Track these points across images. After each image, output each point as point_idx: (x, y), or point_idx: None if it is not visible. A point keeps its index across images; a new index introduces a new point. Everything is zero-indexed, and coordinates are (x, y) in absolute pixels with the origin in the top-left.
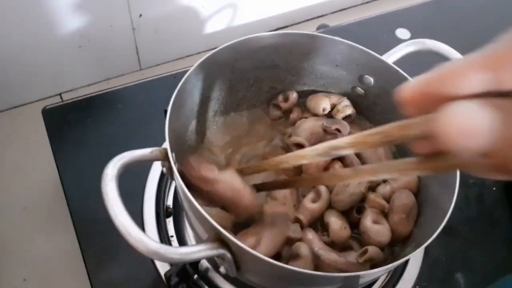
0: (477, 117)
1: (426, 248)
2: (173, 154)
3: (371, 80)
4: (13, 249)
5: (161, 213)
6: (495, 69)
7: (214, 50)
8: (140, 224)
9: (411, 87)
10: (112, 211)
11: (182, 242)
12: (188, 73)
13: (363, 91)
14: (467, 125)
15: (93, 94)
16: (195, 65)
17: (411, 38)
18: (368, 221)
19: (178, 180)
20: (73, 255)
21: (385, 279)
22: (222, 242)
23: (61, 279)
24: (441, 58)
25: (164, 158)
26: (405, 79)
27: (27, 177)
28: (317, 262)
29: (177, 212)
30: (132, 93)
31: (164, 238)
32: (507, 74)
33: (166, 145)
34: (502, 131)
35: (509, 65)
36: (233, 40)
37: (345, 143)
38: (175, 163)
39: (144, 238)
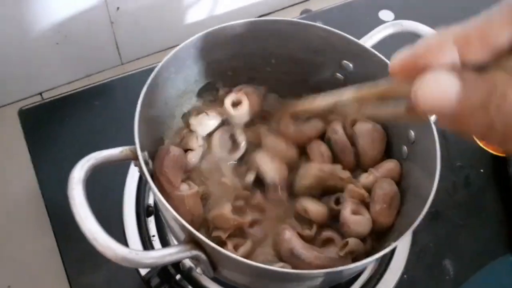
0: (445, 84)
1: (413, 235)
2: (146, 153)
3: (351, 65)
4: None
5: (142, 213)
6: (461, 46)
7: (185, 42)
8: (120, 225)
9: (398, 60)
10: (78, 216)
11: (164, 241)
12: (157, 67)
13: (342, 77)
14: (437, 92)
15: (70, 92)
16: (165, 59)
17: (395, 20)
18: (347, 212)
19: (148, 180)
20: (54, 260)
21: (372, 270)
22: (195, 243)
23: (46, 285)
24: (420, 38)
25: (136, 158)
26: (384, 62)
27: (9, 181)
28: (298, 261)
29: (158, 211)
30: (111, 89)
31: (145, 238)
32: (470, 50)
33: (136, 144)
34: (463, 98)
35: (472, 43)
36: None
37: (348, 97)
38: (146, 163)
39: (111, 243)
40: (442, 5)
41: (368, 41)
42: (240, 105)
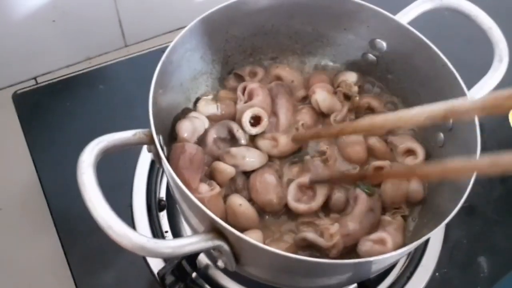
0: None
1: (446, 231)
2: (160, 137)
3: (384, 44)
4: None
5: (153, 207)
6: None
7: (202, 15)
8: (130, 220)
9: None
10: (90, 203)
11: (178, 237)
12: (173, 43)
13: (375, 58)
14: None
15: (71, 75)
16: (181, 33)
17: None
18: None
19: (166, 166)
20: (58, 259)
21: (402, 267)
22: (218, 232)
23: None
24: (461, 16)
25: (150, 142)
26: (422, 41)
27: (5, 173)
28: None
29: (171, 204)
30: (115, 72)
31: (157, 234)
32: None
33: (151, 126)
34: None
35: None
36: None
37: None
38: (162, 147)
39: (128, 231)
40: None
41: (404, 17)
42: (260, 121)
